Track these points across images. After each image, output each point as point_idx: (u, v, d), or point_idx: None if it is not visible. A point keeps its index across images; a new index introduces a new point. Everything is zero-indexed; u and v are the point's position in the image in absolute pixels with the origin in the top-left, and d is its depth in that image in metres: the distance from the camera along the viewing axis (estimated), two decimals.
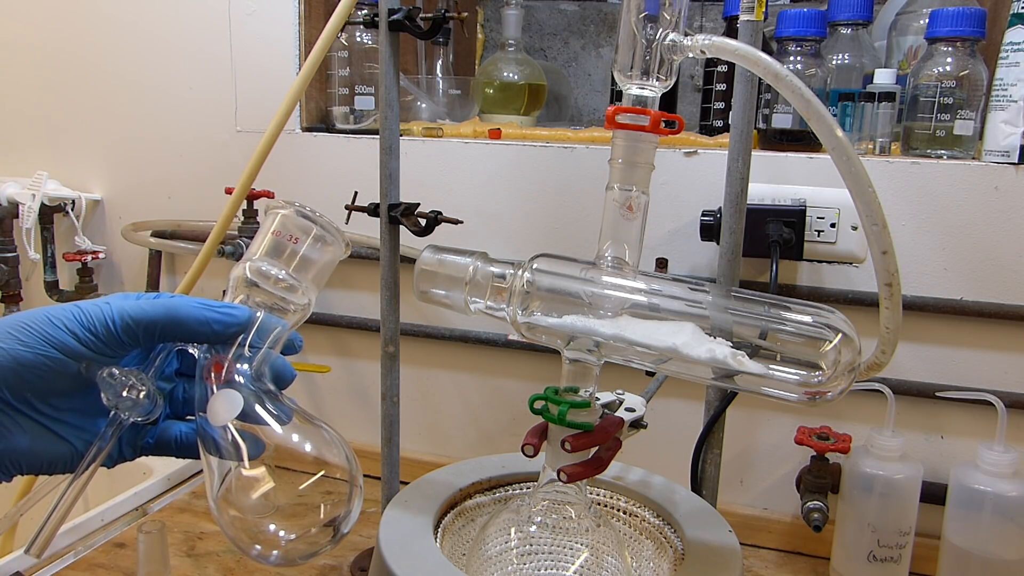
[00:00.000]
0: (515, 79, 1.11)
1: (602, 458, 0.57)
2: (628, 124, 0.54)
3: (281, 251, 0.46)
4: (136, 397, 0.43)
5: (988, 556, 0.77)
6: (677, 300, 0.53)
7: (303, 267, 0.47)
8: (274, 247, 0.46)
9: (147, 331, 0.42)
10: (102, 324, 0.42)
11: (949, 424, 0.87)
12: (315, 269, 0.48)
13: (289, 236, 0.46)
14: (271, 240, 0.47)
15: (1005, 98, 0.79)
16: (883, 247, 0.49)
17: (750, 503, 0.96)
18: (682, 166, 0.90)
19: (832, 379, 0.48)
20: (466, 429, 1.06)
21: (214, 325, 0.43)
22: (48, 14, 1.15)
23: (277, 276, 0.46)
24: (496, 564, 0.63)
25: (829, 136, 0.49)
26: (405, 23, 0.73)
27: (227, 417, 0.42)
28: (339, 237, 0.48)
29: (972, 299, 0.83)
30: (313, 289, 0.48)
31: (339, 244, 0.48)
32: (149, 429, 0.47)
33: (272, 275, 0.46)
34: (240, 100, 1.08)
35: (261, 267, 0.46)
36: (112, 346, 0.42)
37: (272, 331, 0.45)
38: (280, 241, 0.46)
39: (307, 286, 0.47)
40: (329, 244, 0.48)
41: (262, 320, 0.45)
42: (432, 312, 1.02)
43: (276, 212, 0.47)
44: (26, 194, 1.13)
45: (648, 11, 0.53)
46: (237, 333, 0.44)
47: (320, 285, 0.48)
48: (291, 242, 0.46)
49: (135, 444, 0.47)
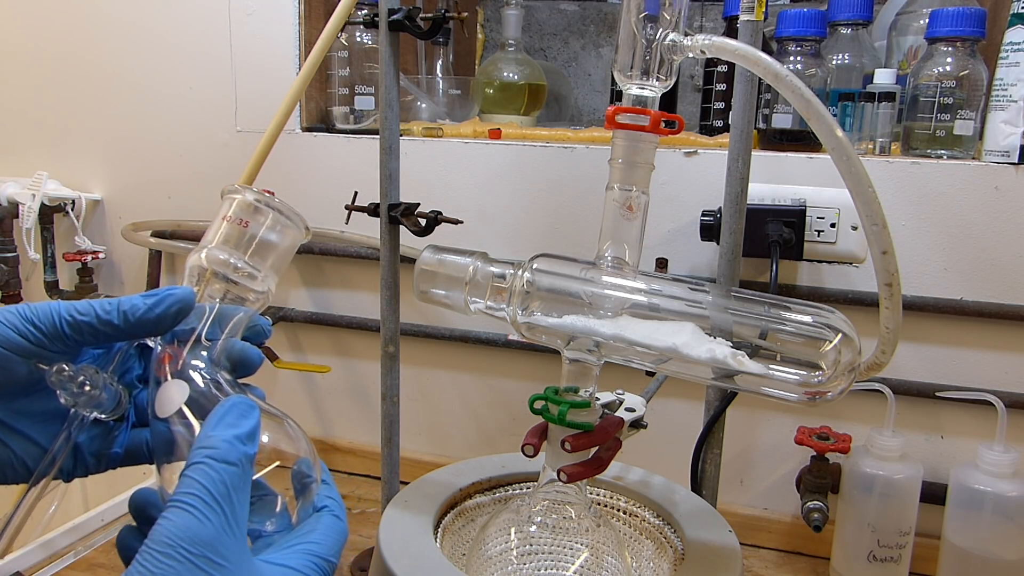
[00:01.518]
0: (515, 79, 1.11)
1: (602, 458, 0.57)
2: (628, 124, 0.54)
3: (238, 238, 0.44)
4: (91, 391, 0.41)
5: (988, 556, 0.77)
6: (677, 300, 0.53)
7: (261, 253, 0.45)
8: (231, 234, 0.44)
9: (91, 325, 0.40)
10: (47, 318, 0.40)
11: (949, 424, 0.87)
12: (274, 255, 0.45)
13: (245, 222, 0.44)
14: (227, 227, 0.44)
15: (1005, 98, 0.79)
16: (883, 247, 0.49)
17: (750, 503, 0.96)
18: (682, 166, 0.90)
19: (832, 379, 0.48)
20: (466, 429, 1.06)
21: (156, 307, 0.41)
22: (48, 14, 1.15)
23: (235, 264, 0.44)
24: (496, 564, 0.63)
25: (829, 136, 0.49)
26: (405, 23, 0.73)
27: (173, 406, 0.40)
28: (298, 221, 0.46)
29: (972, 299, 0.83)
30: (273, 276, 0.45)
31: (299, 228, 0.46)
32: (116, 437, 0.45)
33: (230, 263, 0.44)
34: (240, 100, 1.08)
35: (219, 255, 0.43)
36: (58, 342, 0.40)
37: (232, 319, 0.44)
38: (237, 227, 0.44)
39: (266, 273, 0.45)
40: (288, 228, 0.46)
41: (220, 309, 0.43)
42: (432, 312, 1.02)
43: (231, 197, 0.45)
44: (26, 194, 1.13)
45: (648, 11, 0.53)
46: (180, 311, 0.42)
47: (280, 271, 0.46)
48: (247, 228, 0.44)
49: (99, 454, 0.44)
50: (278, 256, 0.46)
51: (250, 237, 0.44)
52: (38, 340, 0.40)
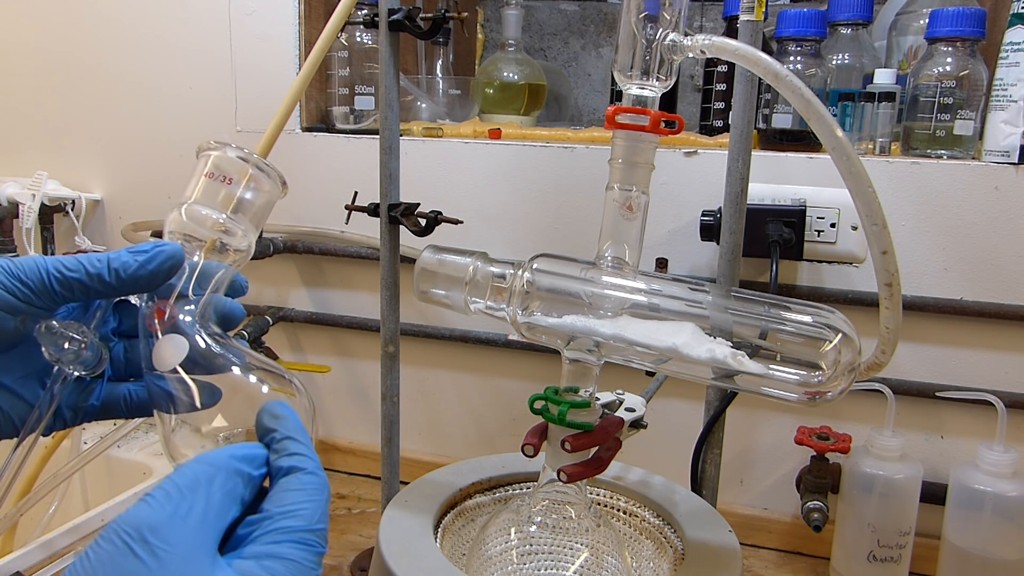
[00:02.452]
0: (515, 79, 1.11)
1: (602, 458, 0.57)
2: (628, 124, 0.54)
3: (216, 193, 0.44)
4: (78, 349, 0.41)
5: (988, 556, 0.77)
6: (677, 300, 0.53)
7: (240, 208, 0.45)
8: (209, 189, 0.44)
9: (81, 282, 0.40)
10: (35, 274, 0.39)
11: (949, 424, 0.87)
12: (253, 210, 0.45)
13: (224, 178, 0.44)
14: (205, 183, 0.44)
15: (1005, 98, 0.79)
16: (883, 247, 0.49)
17: (750, 503, 0.96)
18: (682, 166, 0.90)
19: (832, 379, 0.48)
20: (466, 429, 1.06)
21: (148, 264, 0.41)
22: (48, 14, 1.15)
23: (216, 220, 0.44)
24: (496, 564, 0.63)
25: (829, 136, 0.49)
26: (405, 23, 0.73)
27: (174, 361, 0.40)
28: (275, 176, 0.46)
29: (972, 299, 0.83)
30: (252, 231, 0.45)
31: (276, 183, 0.46)
32: (92, 390, 0.45)
33: (211, 219, 0.44)
34: (240, 100, 1.08)
35: (200, 211, 0.43)
36: (46, 298, 0.40)
37: (214, 275, 0.44)
38: (215, 183, 0.44)
39: (246, 227, 0.45)
40: (265, 184, 0.46)
41: (202, 265, 0.43)
42: (432, 312, 1.02)
43: (208, 153, 0.45)
44: (26, 194, 1.13)
45: (648, 11, 0.53)
46: (172, 267, 0.42)
47: (259, 226, 0.46)
48: (226, 184, 0.44)
49: (76, 407, 0.44)
50: (257, 211, 0.46)
51: (228, 193, 0.44)
52: (26, 296, 0.39)
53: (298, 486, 0.34)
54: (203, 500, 0.32)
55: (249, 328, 0.99)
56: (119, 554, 0.29)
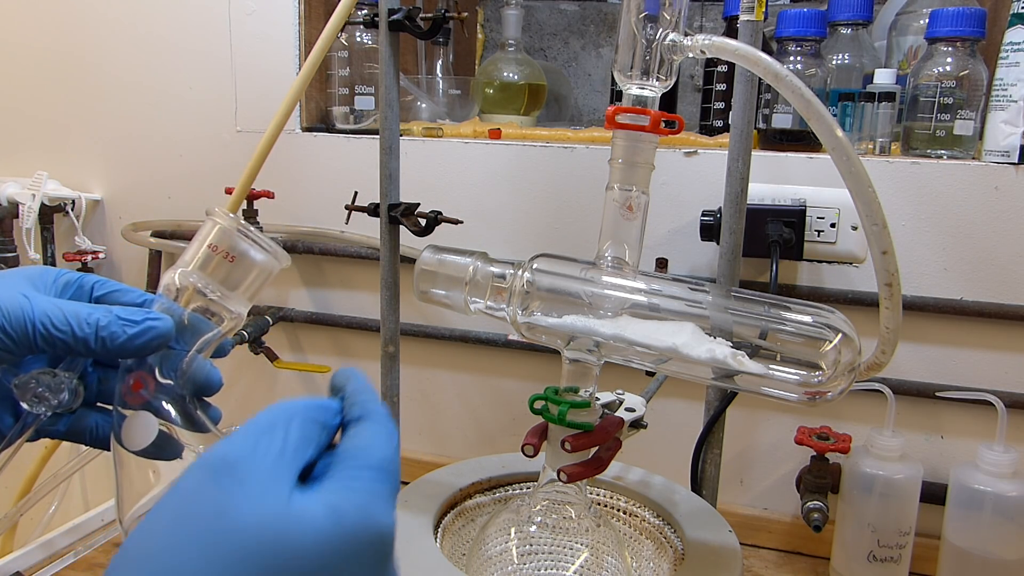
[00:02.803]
0: (515, 79, 1.11)
1: (602, 458, 0.57)
2: (628, 124, 0.54)
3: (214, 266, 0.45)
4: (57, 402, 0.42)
5: (988, 556, 0.77)
6: (677, 300, 0.53)
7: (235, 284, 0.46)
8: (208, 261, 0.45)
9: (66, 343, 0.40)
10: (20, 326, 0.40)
11: (949, 424, 0.87)
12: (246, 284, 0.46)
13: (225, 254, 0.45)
14: (206, 253, 0.45)
15: (1005, 98, 0.79)
16: (883, 247, 0.49)
17: (750, 503, 0.96)
18: (682, 166, 0.90)
19: (832, 379, 0.48)
20: (466, 429, 1.06)
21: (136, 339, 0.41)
22: (48, 14, 1.15)
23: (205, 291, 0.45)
24: (496, 564, 0.63)
25: (829, 136, 0.49)
26: (405, 23, 0.73)
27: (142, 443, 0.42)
28: (277, 254, 0.47)
29: (972, 299, 0.83)
30: (245, 304, 0.47)
31: (276, 261, 0.47)
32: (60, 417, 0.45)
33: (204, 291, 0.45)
34: (240, 100, 1.08)
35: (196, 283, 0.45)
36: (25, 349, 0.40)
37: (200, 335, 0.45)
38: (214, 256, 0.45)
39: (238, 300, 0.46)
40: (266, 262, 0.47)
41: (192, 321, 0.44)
42: (432, 312, 1.02)
43: (214, 222, 0.46)
44: (26, 194, 1.13)
45: (648, 11, 0.53)
46: (160, 345, 0.42)
47: (253, 299, 0.47)
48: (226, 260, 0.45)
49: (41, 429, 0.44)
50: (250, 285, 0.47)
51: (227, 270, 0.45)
52: (5, 345, 0.40)
53: (371, 430, 0.36)
54: (280, 439, 0.33)
55: (249, 328, 0.99)
56: (203, 485, 0.31)
